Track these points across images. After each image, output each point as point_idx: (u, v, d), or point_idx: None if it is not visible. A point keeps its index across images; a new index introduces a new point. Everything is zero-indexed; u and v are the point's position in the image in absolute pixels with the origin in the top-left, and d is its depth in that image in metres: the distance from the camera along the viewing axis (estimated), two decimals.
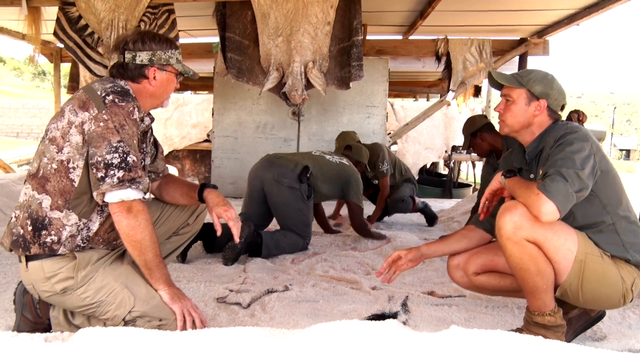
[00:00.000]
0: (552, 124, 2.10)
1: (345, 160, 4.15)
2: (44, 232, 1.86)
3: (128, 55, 2.00)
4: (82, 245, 1.91)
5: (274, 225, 4.07)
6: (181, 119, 9.95)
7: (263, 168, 3.83)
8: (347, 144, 4.65)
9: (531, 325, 2.02)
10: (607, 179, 1.97)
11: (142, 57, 2.01)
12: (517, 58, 6.82)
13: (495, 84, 2.22)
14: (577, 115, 3.50)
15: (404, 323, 2.31)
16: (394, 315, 2.42)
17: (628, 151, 50.09)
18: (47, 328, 2.03)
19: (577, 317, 2.16)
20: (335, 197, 4.18)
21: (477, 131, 3.82)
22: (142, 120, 1.96)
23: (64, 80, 9.44)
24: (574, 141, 1.91)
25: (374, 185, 5.05)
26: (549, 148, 1.98)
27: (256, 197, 3.82)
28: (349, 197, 4.05)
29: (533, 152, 2.12)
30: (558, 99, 2.10)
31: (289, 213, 3.74)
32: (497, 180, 2.15)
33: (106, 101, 1.85)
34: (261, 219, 3.88)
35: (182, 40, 6.61)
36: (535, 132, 2.11)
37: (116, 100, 1.86)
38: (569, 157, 1.86)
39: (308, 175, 3.77)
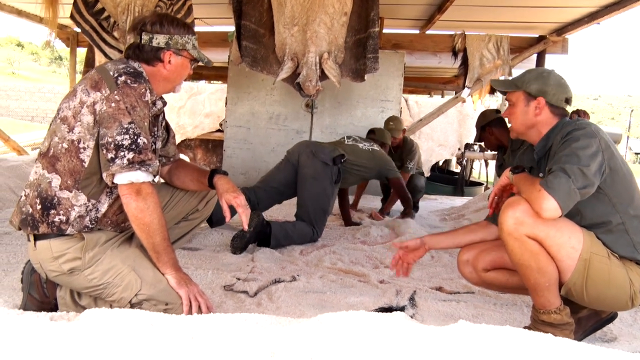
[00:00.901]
0: (560, 121, 2.07)
1: (375, 146, 4.46)
2: (52, 211, 1.86)
3: (145, 37, 1.99)
4: (90, 226, 1.90)
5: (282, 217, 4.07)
6: (194, 108, 9.96)
7: (304, 144, 4.08)
8: (373, 128, 5.07)
9: (538, 323, 1.99)
10: (617, 177, 1.93)
11: (159, 39, 1.99)
12: (534, 56, 6.72)
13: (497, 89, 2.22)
14: (578, 115, 3.49)
15: (411, 317, 2.29)
16: (401, 309, 2.41)
17: None
18: (53, 308, 2.04)
19: (587, 317, 2.13)
20: (372, 178, 4.62)
21: (486, 125, 3.87)
22: (154, 103, 1.95)
23: (80, 67, 9.48)
24: (580, 137, 1.88)
25: None
26: (556, 145, 1.96)
27: (288, 167, 3.96)
28: (389, 175, 4.47)
29: (541, 151, 2.10)
30: (557, 94, 2.06)
31: (313, 189, 3.79)
32: (506, 176, 2.13)
33: (118, 82, 1.85)
34: (281, 187, 3.96)
35: (197, 28, 6.61)
36: (542, 131, 2.09)
37: (128, 81, 1.85)
38: (574, 153, 1.84)
39: (343, 161, 3.95)
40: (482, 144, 4.36)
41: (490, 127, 3.86)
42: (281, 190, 3.96)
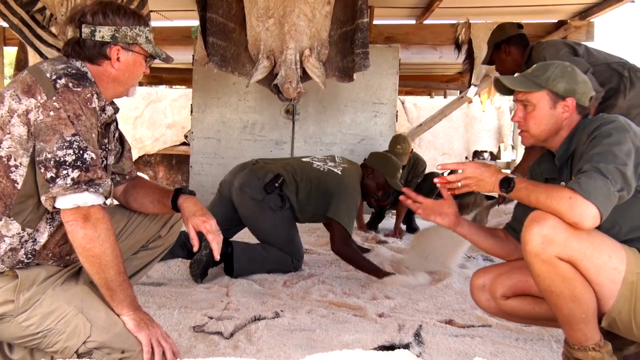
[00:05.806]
0: (581, 121, 2.07)
1: (339, 170, 3.86)
2: None
3: (86, 30, 1.94)
4: (25, 260, 1.85)
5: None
6: (154, 118, 9.93)
7: (233, 173, 3.90)
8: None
9: None
10: None
11: (103, 32, 1.95)
12: None
13: (503, 89, 2.18)
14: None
15: (418, 356, 2.27)
16: (405, 347, 2.39)
17: None
18: None
19: (636, 355, 2.09)
20: (323, 214, 3.80)
21: (504, 42, 3.65)
22: (102, 109, 1.92)
23: (10, 70, 9.38)
24: (612, 132, 1.87)
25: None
26: (582, 146, 1.94)
27: (223, 202, 3.86)
28: (327, 213, 3.70)
29: (564, 156, 2.08)
30: (586, 92, 2.07)
31: (261, 227, 3.75)
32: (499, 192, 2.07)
33: (57, 86, 1.80)
34: (223, 225, 3.82)
35: (154, 23, 6.58)
36: (564, 135, 2.08)
37: (70, 84, 1.81)
38: (608, 150, 1.83)
39: (278, 184, 3.68)
40: (494, 67, 3.92)
41: (508, 45, 3.62)
42: (225, 227, 3.61)
